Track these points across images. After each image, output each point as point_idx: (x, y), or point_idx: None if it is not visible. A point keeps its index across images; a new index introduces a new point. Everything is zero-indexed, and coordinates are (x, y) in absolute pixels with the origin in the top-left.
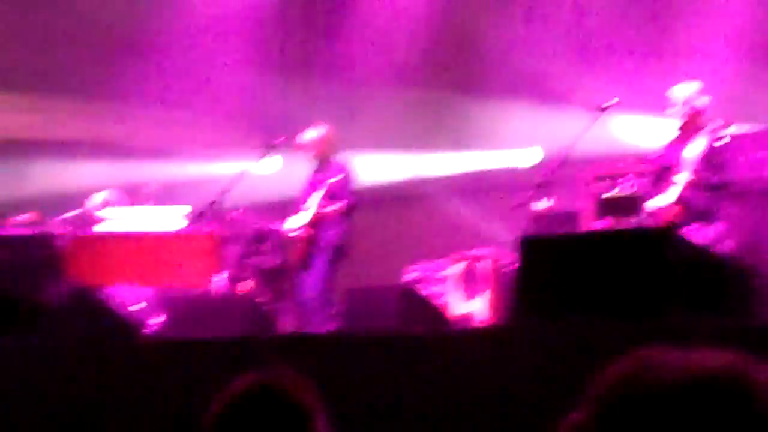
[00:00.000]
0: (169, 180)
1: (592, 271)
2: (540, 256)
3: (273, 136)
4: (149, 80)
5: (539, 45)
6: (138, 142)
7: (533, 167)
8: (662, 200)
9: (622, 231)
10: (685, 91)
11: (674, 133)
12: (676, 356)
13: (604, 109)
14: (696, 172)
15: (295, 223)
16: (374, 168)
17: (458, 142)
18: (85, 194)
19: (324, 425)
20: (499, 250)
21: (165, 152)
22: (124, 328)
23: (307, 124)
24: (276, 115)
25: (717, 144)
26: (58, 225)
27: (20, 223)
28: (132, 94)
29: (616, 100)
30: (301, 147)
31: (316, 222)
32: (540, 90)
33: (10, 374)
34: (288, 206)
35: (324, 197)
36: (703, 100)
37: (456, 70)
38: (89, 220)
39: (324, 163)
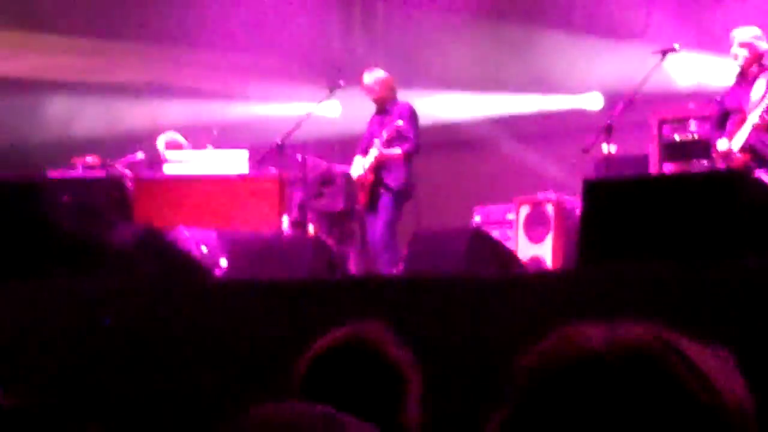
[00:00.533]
0: (231, 122)
1: (660, 214)
2: (605, 199)
3: (336, 78)
4: (211, 24)
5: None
6: (201, 84)
7: (597, 111)
8: (727, 145)
9: (692, 174)
10: (745, 33)
11: (736, 76)
12: (598, 330)
13: (665, 53)
14: (761, 117)
15: (359, 166)
16: (439, 107)
17: (524, 83)
18: (149, 135)
19: (418, 391)
20: (564, 194)
21: (228, 94)
22: (193, 269)
23: (370, 65)
24: (339, 56)
25: None
26: (122, 167)
27: (86, 165)
28: (193, 37)
29: (677, 46)
30: (363, 90)
31: (380, 165)
32: (606, 30)
33: (80, 315)
34: (351, 148)
35: (387, 140)
36: (764, 44)
37: (523, 8)
38: (153, 162)
39: (385, 106)
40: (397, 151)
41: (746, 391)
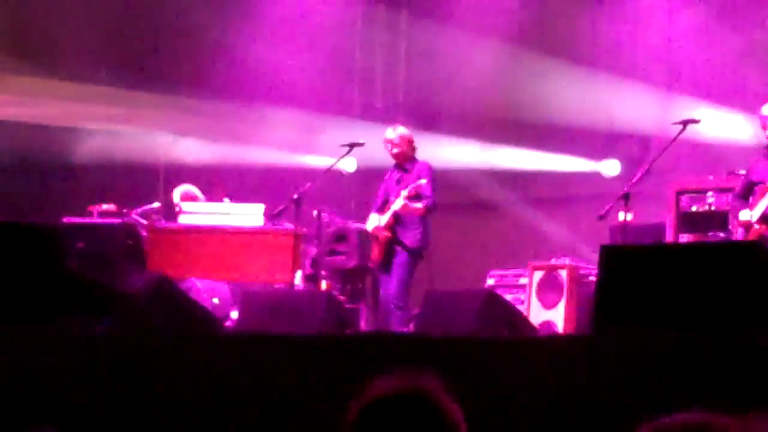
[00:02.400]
0: (247, 177)
1: (676, 283)
2: (621, 266)
3: (355, 136)
4: (232, 77)
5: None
6: (221, 136)
7: (614, 178)
8: (748, 216)
9: (708, 243)
10: None
11: (764, 151)
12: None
13: (686, 124)
14: None
15: (375, 223)
16: (455, 155)
17: (539, 142)
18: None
19: None
20: (579, 260)
21: (248, 146)
22: (203, 320)
23: (390, 121)
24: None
25: None
26: (138, 216)
27: (102, 212)
28: (217, 90)
29: (698, 117)
30: (386, 144)
31: (398, 222)
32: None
33: (90, 362)
34: (366, 206)
35: (407, 198)
36: None
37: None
38: (169, 212)
39: (405, 164)
40: (418, 205)
41: None
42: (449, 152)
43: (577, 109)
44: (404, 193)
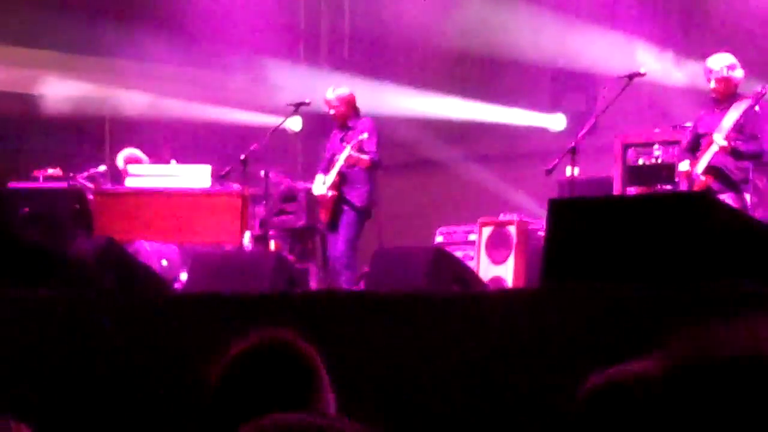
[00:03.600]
0: (193, 136)
1: (625, 235)
2: (570, 220)
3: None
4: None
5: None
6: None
7: (560, 132)
8: (687, 166)
9: (656, 195)
10: (719, 64)
11: (709, 103)
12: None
13: (631, 77)
14: (727, 140)
15: (320, 184)
16: (403, 103)
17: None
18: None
19: (327, 385)
20: (528, 215)
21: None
22: (152, 282)
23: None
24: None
25: (750, 114)
26: (84, 179)
27: (47, 177)
28: (160, 54)
29: (644, 70)
30: (326, 105)
31: (342, 182)
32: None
33: (37, 326)
34: (314, 166)
35: (349, 156)
36: (739, 72)
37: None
38: (115, 176)
39: (348, 123)
40: (364, 157)
41: None
42: (394, 101)
43: (524, 52)
44: (348, 147)
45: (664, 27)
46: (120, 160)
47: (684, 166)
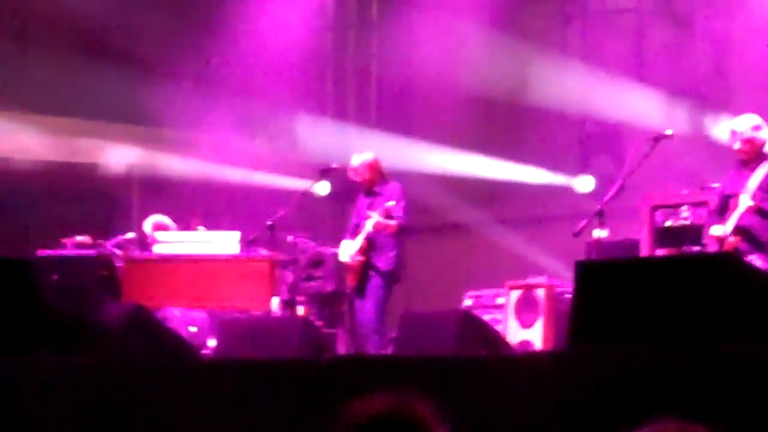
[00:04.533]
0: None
1: (652, 297)
2: (597, 282)
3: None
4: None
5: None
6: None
7: (588, 194)
8: (721, 230)
9: (683, 256)
10: (745, 126)
11: (736, 164)
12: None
13: (657, 139)
14: (754, 200)
15: (347, 250)
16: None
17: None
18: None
19: None
20: (555, 278)
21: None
22: (180, 349)
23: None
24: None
25: None
26: (112, 247)
27: (77, 244)
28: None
29: (670, 132)
30: (351, 172)
31: (369, 247)
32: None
33: (67, 393)
34: (340, 229)
35: (377, 223)
36: (765, 133)
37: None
38: (143, 243)
39: (374, 188)
40: (391, 222)
41: None
42: (421, 159)
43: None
44: (375, 215)
45: (691, 84)
46: (147, 226)
47: (715, 230)
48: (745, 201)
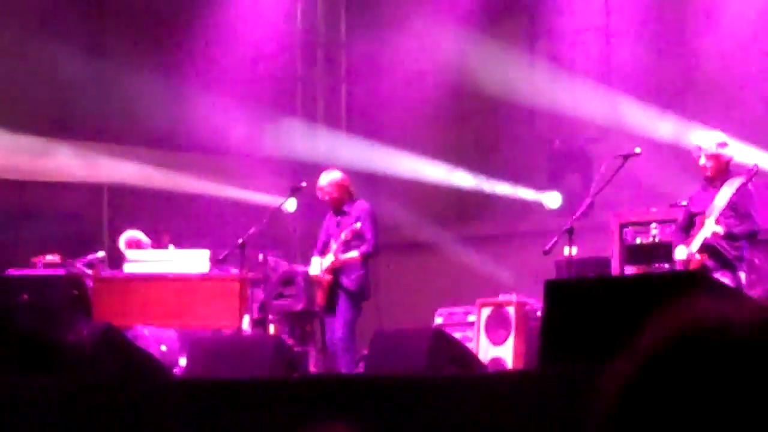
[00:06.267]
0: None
1: (621, 315)
2: (567, 301)
3: (298, 179)
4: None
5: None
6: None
7: (556, 210)
8: (685, 252)
9: (651, 275)
10: (709, 143)
11: (703, 181)
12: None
13: (626, 157)
14: (719, 223)
15: (316, 267)
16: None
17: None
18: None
19: None
20: (525, 296)
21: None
22: (151, 367)
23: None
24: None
25: (743, 192)
26: (82, 266)
27: (46, 263)
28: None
29: (638, 150)
30: (319, 192)
31: (338, 266)
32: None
33: (37, 414)
34: (311, 247)
35: (345, 241)
36: (729, 150)
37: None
38: (117, 259)
39: (342, 208)
40: (354, 254)
41: None
42: (391, 164)
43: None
44: (335, 246)
45: (661, 102)
46: (121, 242)
47: (680, 253)
48: (710, 226)
